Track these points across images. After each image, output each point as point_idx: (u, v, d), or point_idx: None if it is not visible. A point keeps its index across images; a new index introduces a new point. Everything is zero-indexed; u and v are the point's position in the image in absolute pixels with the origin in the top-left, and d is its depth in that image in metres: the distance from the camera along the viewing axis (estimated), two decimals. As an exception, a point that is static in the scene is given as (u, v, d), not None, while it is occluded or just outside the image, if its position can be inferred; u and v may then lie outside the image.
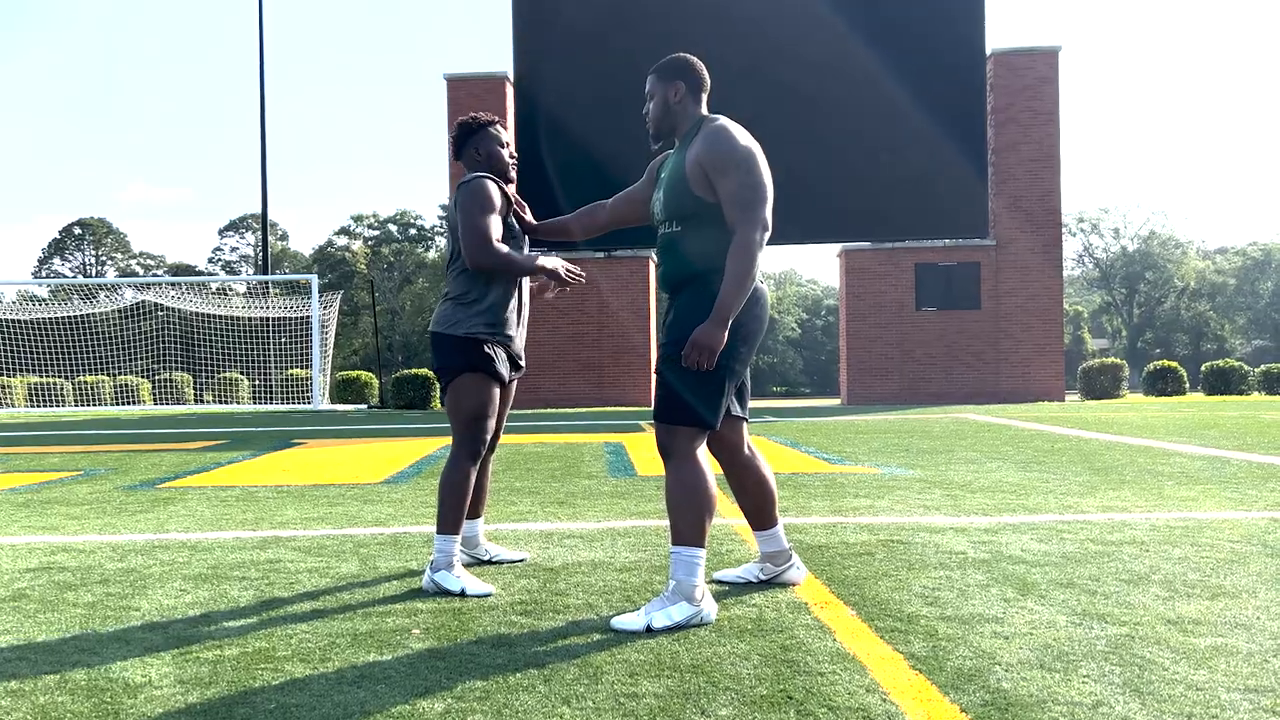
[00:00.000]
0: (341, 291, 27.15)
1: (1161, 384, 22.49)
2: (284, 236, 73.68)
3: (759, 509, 3.32)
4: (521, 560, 3.86)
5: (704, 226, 2.97)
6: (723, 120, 3.03)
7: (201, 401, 25.75)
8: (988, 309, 20.56)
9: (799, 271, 78.00)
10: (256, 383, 25.88)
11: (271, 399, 25.37)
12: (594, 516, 5.00)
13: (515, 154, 3.67)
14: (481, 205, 3.36)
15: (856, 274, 20.79)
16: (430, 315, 68.70)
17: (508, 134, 3.70)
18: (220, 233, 74.48)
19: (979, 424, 12.39)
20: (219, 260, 75.46)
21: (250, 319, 24.58)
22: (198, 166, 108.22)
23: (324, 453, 9.39)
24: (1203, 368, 23.32)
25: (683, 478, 2.92)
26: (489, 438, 3.52)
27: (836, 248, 21.84)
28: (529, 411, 18.98)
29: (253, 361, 25.47)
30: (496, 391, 3.51)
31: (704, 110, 3.13)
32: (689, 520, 2.90)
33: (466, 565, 3.77)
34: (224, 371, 25.90)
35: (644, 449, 9.15)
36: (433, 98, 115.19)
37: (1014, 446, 8.96)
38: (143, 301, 23.82)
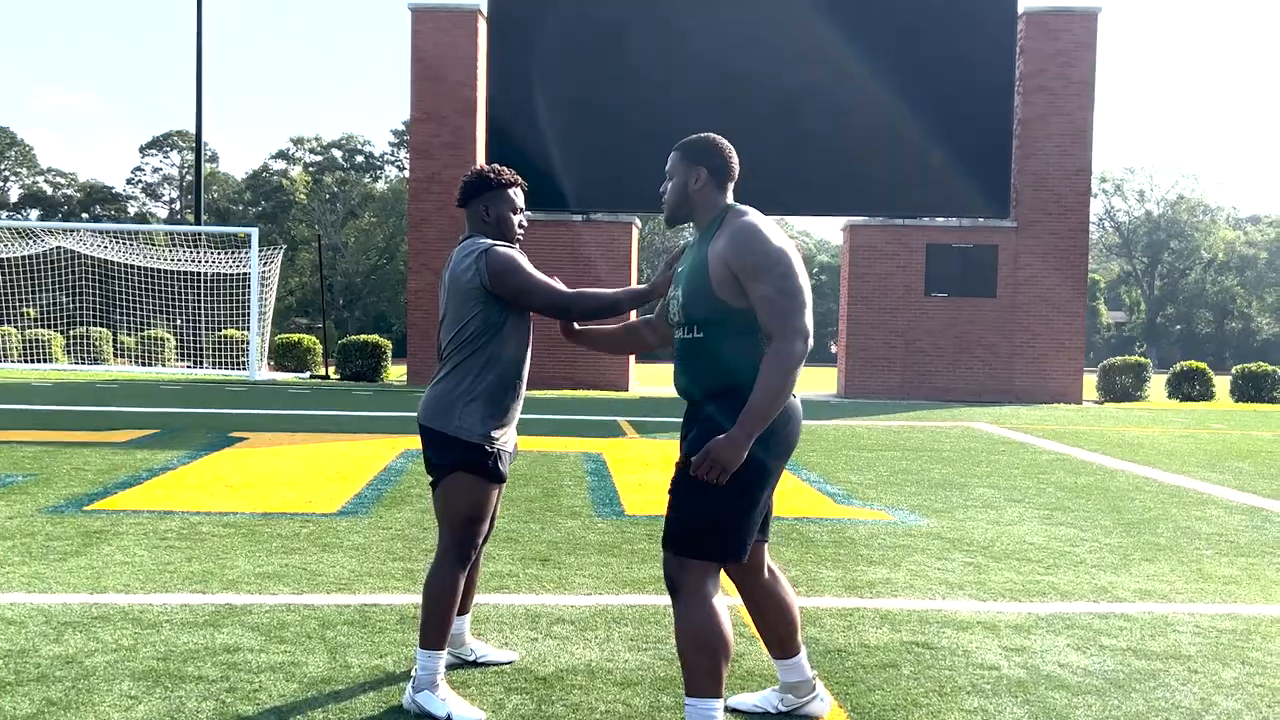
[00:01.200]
0: (284, 247, 26.74)
1: (1187, 387, 22.77)
2: (214, 158, 72.55)
3: (781, 638, 3.32)
4: (509, 663, 3.85)
5: (730, 333, 2.95)
6: (751, 215, 3.00)
7: (122, 358, 25.42)
8: (1004, 297, 20.67)
9: (790, 221, 77.89)
10: (188, 341, 25.59)
11: (201, 362, 25.08)
12: (583, 584, 5.00)
13: (526, 223, 3.61)
14: (521, 266, 3.37)
15: (862, 252, 20.80)
16: (378, 252, 67.54)
17: (522, 199, 3.64)
18: (142, 150, 73.19)
19: (992, 440, 12.50)
20: (139, 182, 74.21)
21: (181, 273, 24.23)
22: (117, 75, 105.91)
23: (269, 456, 9.32)
24: (1233, 370, 23.60)
25: (694, 620, 2.88)
26: (482, 540, 3.50)
27: (840, 221, 21.79)
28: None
29: (181, 318, 25.15)
30: (495, 492, 3.48)
31: (728, 199, 3.10)
32: (703, 668, 2.88)
33: (450, 666, 3.76)
34: (148, 329, 25.57)
35: (627, 466, 9.18)
36: (388, 22, 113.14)
37: (1034, 480, 9.05)
38: (58, 248, 23.39)
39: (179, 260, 23.66)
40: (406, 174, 67.81)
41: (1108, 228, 74.95)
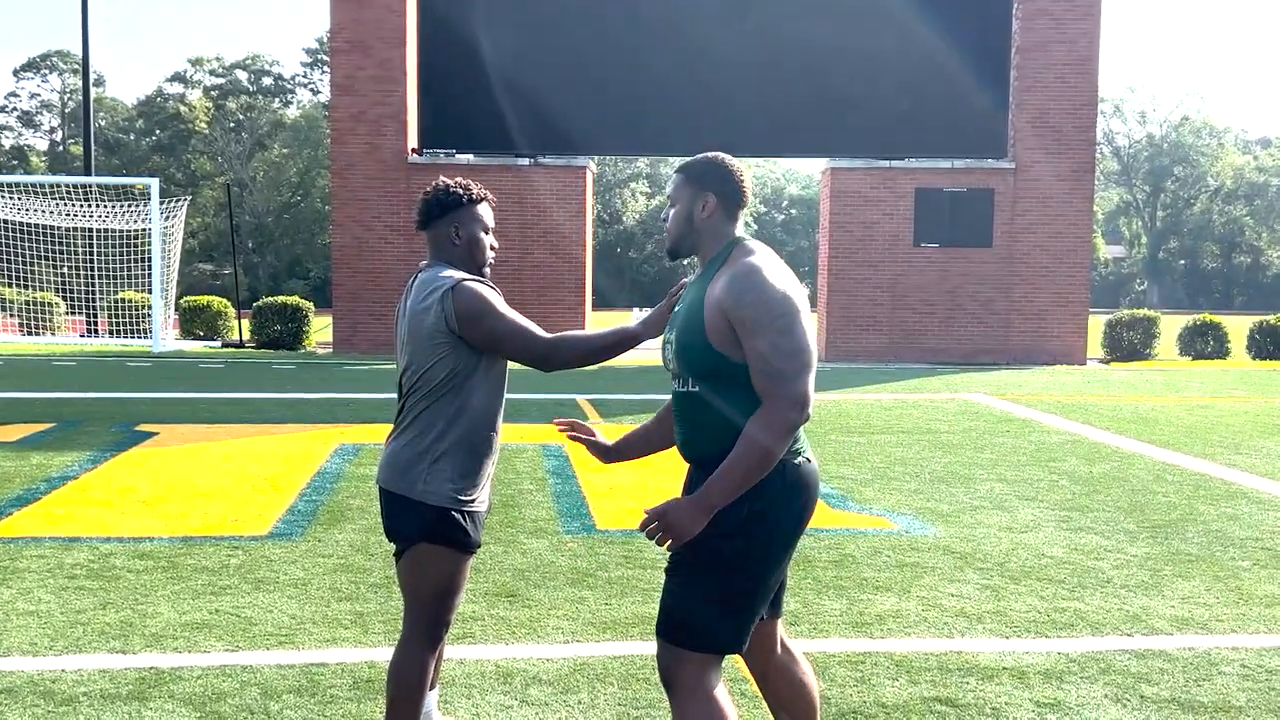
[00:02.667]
0: (189, 198, 26.16)
1: (1201, 343, 23.08)
2: (100, 81, 70.79)
3: (799, 723, 3.28)
4: (484, 743, 3.78)
5: (731, 387, 2.87)
6: (758, 254, 2.91)
7: (10, 324, 24.84)
8: (1000, 247, 20.77)
9: (758, 163, 77.67)
10: (80, 306, 25.04)
11: (96, 330, 24.58)
12: (558, 629, 4.93)
13: (496, 245, 3.49)
14: (494, 307, 3.27)
15: (844, 198, 20.76)
16: (291, 188, 67.12)
17: (492, 216, 3.51)
18: (16, 73, 71.23)
19: (994, 417, 12.58)
20: (14, 110, 72.37)
21: (70, 229, 23.63)
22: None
23: (185, 458, 9.13)
24: (1250, 324, 23.95)
25: None
26: (453, 616, 3.42)
27: (820, 163, 21.71)
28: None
29: (72, 279, 24.59)
30: (468, 563, 3.38)
31: (738, 230, 3.01)
32: None
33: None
34: (32, 289, 24.98)
35: (592, 461, 9.08)
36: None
37: (1045, 469, 9.11)
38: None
39: (68, 214, 23.05)
40: (322, 99, 66.66)
41: (1105, 153, 75.47)
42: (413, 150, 20.80)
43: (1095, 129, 21.11)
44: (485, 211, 3.45)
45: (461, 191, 3.42)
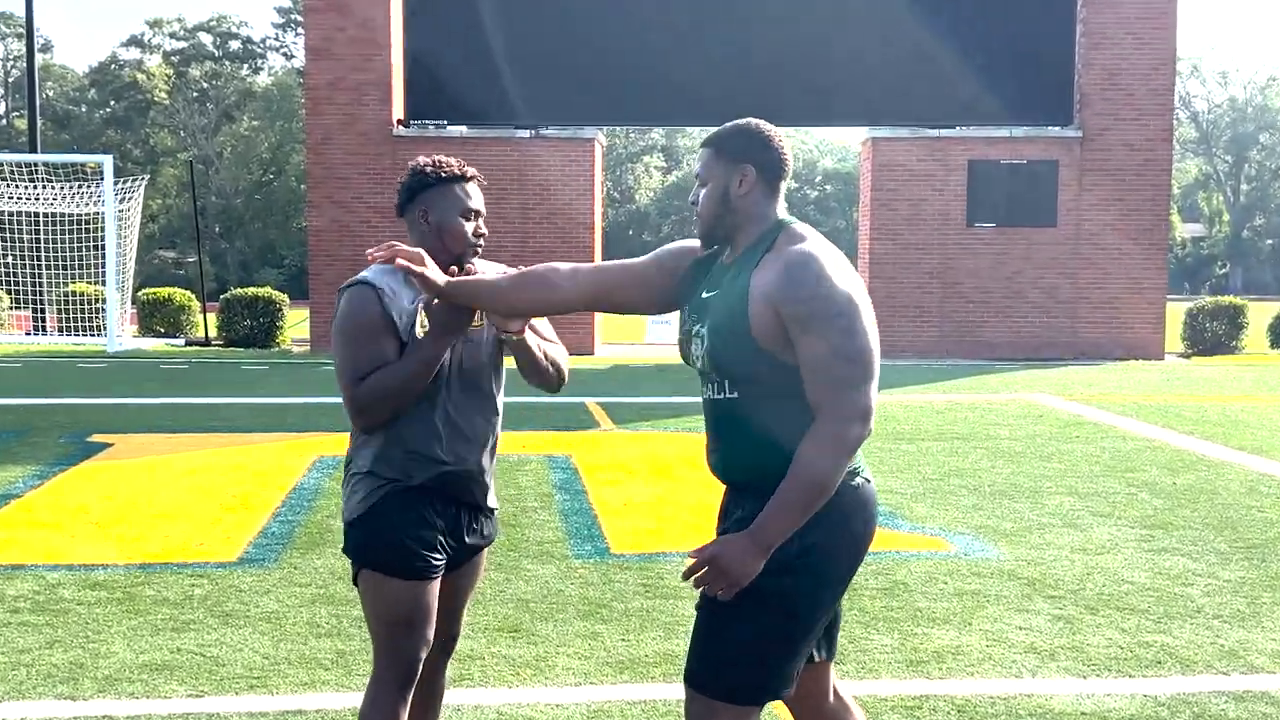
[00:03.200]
0: (147, 177, 26.22)
1: (1294, 335, 22.92)
2: (46, 47, 71.07)
3: (852, 782, 3.20)
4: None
5: (779, 396, 2.80)
6: (811, 240, 2.83)
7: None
8: (1066, 227, 20.65)
9: (790, 132, 77.73)
10: (25, 300, 25.11)
11: (44, 326, 24.64)
12: (569, 669, 4.87)
13: (484, 231, 3.40)
14: (350, 328, 3.22)
15: (887, 172, 20.69)
16: (263, 165, 66.92)
17: (478, 197, 3.42)
18: (-53, 36, 71.52)
19: (1061, 421, 12.48)
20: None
21: (13, 213, 23.69)
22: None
23: (142, 473, 9.11)
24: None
25: None
26: (425, 650, 3.33)
27: (860, 133, 21.62)
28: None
29: (16, 269, 24.65)
30: (422, 591, 3.29)
31: (780, 209, 2.94)
32: None
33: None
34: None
35: (603, 473, 9.12)
36: None
37: (1121, 480, 9.02)
38: None
39: (10, 196, 23.11)
40: (295, 65, 66.90)
41: (1182, 119, 75.14)
42: (398, 122, 20.79)
43: (1173, 92, 20.96)
44: (463, 192, 3.32)
45: (431, 169, 3.32)
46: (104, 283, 22.35)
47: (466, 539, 3.39)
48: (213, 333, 23.34)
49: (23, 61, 56.80)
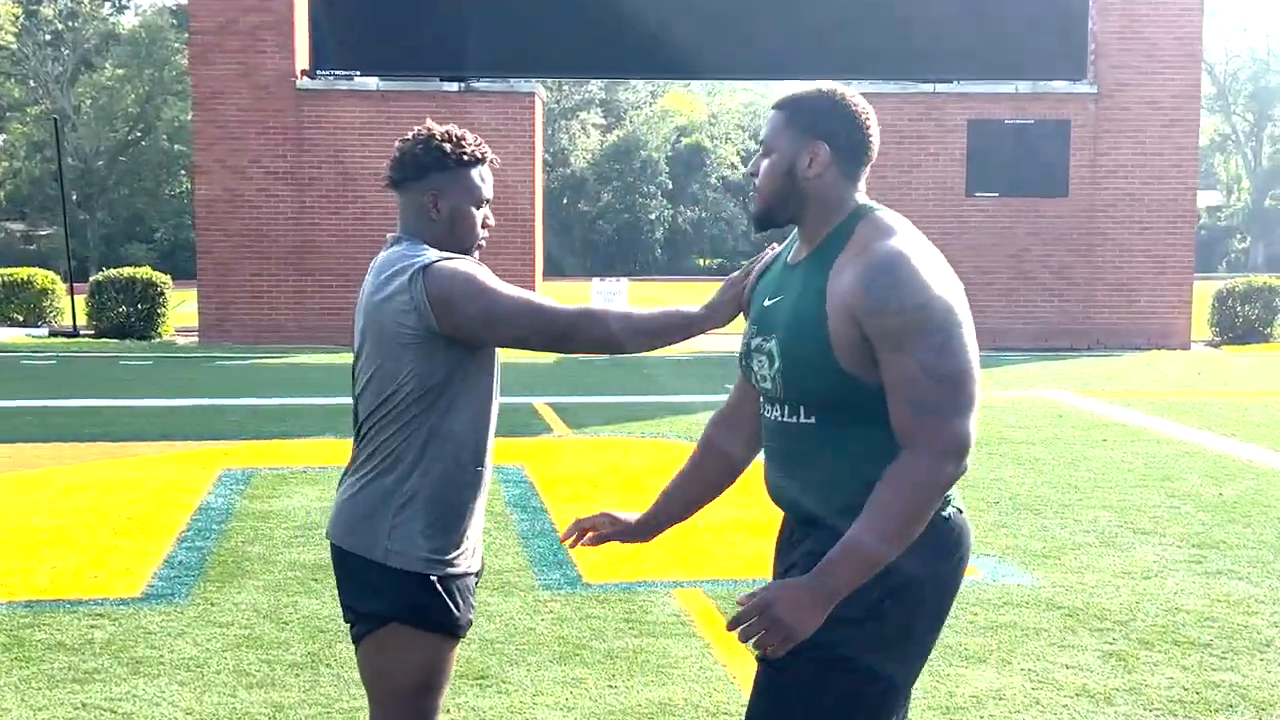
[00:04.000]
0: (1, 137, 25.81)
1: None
2: None
3: None
4: None
5: (864, 421, 2.77)
6: (901, 234, 2.77)
7: None
8: (1080, 197, 20.87)
9: (766, 88, 77.75)
10: None
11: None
12: (552, 723, 4.85)
13: (492, 221, 3.39)
14: (484, 283, 3.21)
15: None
16: (130, 122, 65.95)
17: (491, 182, 3.41)
18: None
19: (1085, 421, 12.62)
20: None
21: None
22: None
23: (18, 491, 8.97)
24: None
25: None
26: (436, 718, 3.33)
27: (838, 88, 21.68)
28: (341, 360, 18.59)
29: None
30: (453, 651, 3.31)
31: (860, 193, 2.89)
32: None
33: None
34: None
35: (562, 487, 9.15)
36: None
37: (1160, 491, 9.12)
38: None
39: None
40: (169, 3, 66.15)
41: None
42: (302, 72, 20.65)
43: (1201, 40, 21.22)
44: (480, 177, 3.35)
45: (449, 147, 3.31)
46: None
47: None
48: (81, 321, 23.02)
49: None
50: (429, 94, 20.58)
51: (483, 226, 3.36)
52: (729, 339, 21.94)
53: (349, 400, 3.39)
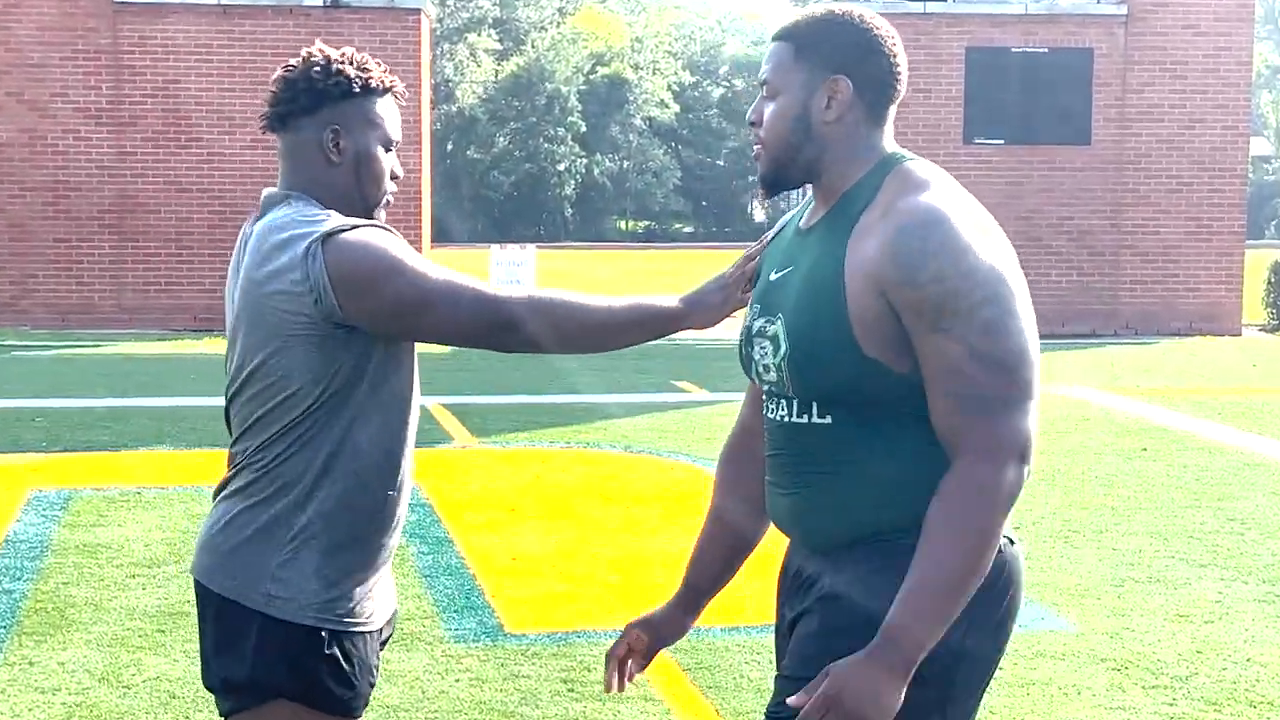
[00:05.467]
0: None
1: None
2: None
3: None
4: None
5: (885, 420, 2.80)
6: (936, 187, 2.79)
7: None
8: (1104, 145, 21.07)
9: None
10: None
11: None
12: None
13: (400, 173, 3.38)
14: (400, 258, 3.14)
15: (848, 64, 20.91)
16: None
17: (395, 114, 3.39)
18: None
19: (1118, 424, 12.79)
20: None
21: None
22: None
23: None
24: None
25: None
26: None
27: (812, 7, 21.77)
28: (176, 350, 18.41)
29: None
30: None
31: (888, 138, 2.92)
32: None
33: None
34: None
35: (470, 511, 9.19)
36: None
37: (1213, 512, 9.28)
38: None
39: None
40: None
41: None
42: (121, -18, 20.41)
43: (1253, -50, 21.52)
44: (389, 110, 3.34)
45: (352, 73, 3.29)
46: None
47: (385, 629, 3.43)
48: None
49: None
50: (285, 10, 20.48)
51: (391, 178, 3.35)
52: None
53: (188, 401, 3.36)
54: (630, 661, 3.29)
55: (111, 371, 16.42)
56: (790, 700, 2.68)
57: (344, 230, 3.13)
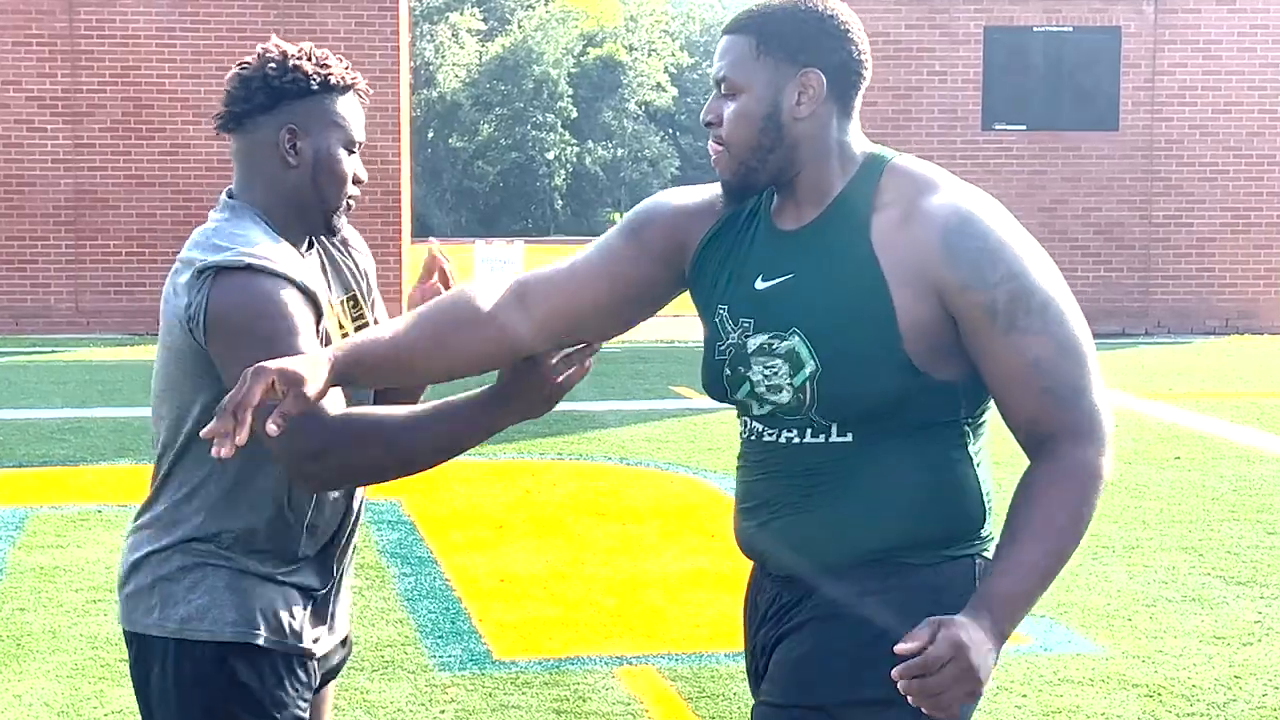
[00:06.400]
0: None
1: None
2: None
3: None
4: None
5: (901, 432, 2.84)
6: (948, 184, 2.84)
7: None
8: (1133, 131, 21.10)
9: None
10: None
11: None
12: None
13: (364, 177, 3.38)
14: (260, 323, 3.08)
15: (859, 47, 20.94)
16: None
17: (359, 114, 3.39)
18: None
19: (1150, 431, 12.81)
20: None
21: None
22: None
23: None
24: None
25: None
26: None
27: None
28: (139, 354, 18.41)
29: None
30: None
31: (858, 133, 2.94)
32: None
33: None
34: None
35: (453, 529, 9.19)
36: None
37: (1256, 528, 9.28)
38: None
39: None
40: None
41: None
42: (78, -36, 20.42)
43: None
44: (348, 112, 3.36)
45: (311, 67, 3.30)
46: None
47: (336, 649, 3.45)
48: None
49: None
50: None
51: (354, 182, 3.35)
52: (655, 324, 21.66)
53: (151, 411, 3.35)
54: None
55: (69, 379, 16.44)
56: (900, 647, 2.64)
57: (242, 267, 3.12)
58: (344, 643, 3.46)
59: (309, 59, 3.30)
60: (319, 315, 3.18)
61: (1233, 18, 21.14)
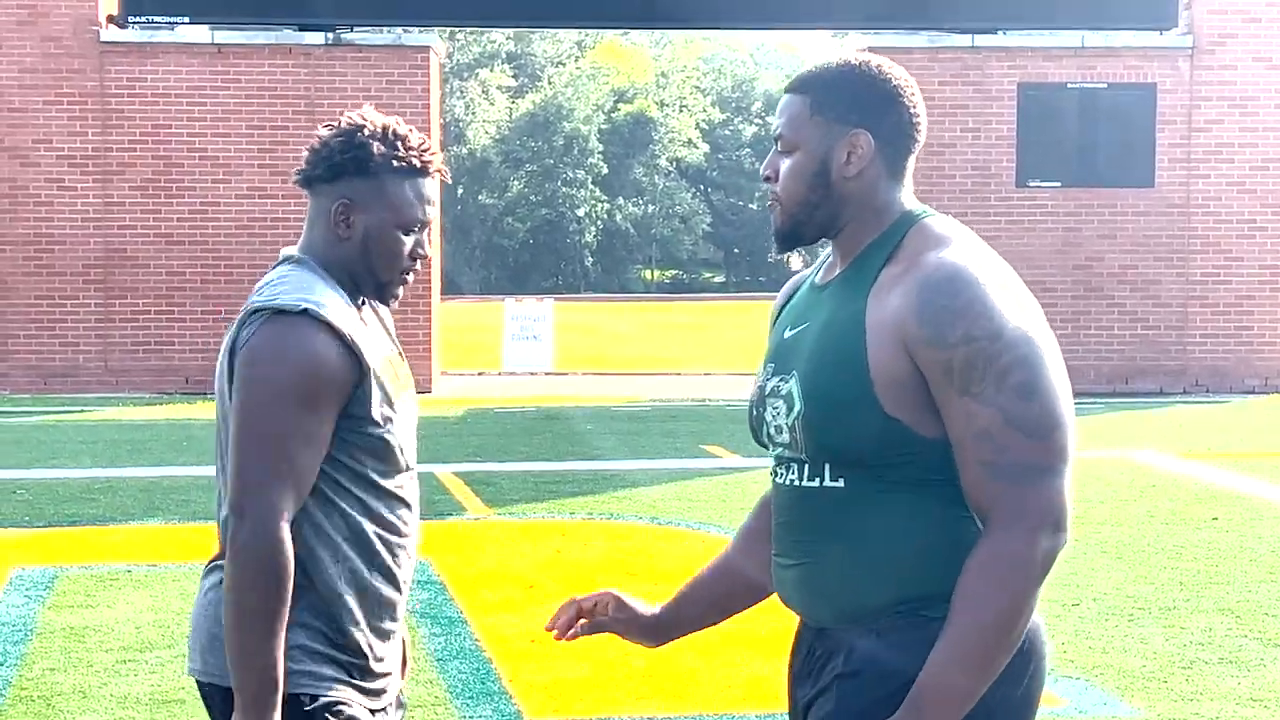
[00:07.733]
0: None
1: None
2: None
3: None
4: None
5: (903, 485, 2.86)
6: (958, 243, 2.88)
7: None
8: (1169, 186, 21.04)
9: (737, 39, 78.12)
10: None
11: None
12: None
13: (426, 248, 3.42)
14: (301, 394, 3.16)
15: (890, 101, 21.00)
16: None
17: (434, 203, 3.44)
18: None
19: (1186, 491, 12.77)
20: None
21: None
22: None
23: None
24: None
25: None
26: None
27: (844, 39, 21.85)
28: (167, 414, 18.46)
29: None
30: None
31: (907, 194, 3.00)
32: None
33: None
34: None
35: (484, 588, 9.18)
36: None
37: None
38: None
39: None
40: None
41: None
42: (109, 19, 20.59)
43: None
44: (416, 194, 3.37)
45: (378, 146, 3.32)
46: None
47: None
48: None
49: None
50: (283, 49, 20.57)
51: (411, 258, 3.38)
52: (686, 382, 21.77)
53: (180, 470, 3.40)
54: (583, 621, 3.37)
55: (98, 439, 16.44)
56: None
57: (292, 314, 3.18)
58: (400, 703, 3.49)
59: (380, 137, 3.33)
60: (361, 375, 3.22)
61: (1270, 74, 21.12)
